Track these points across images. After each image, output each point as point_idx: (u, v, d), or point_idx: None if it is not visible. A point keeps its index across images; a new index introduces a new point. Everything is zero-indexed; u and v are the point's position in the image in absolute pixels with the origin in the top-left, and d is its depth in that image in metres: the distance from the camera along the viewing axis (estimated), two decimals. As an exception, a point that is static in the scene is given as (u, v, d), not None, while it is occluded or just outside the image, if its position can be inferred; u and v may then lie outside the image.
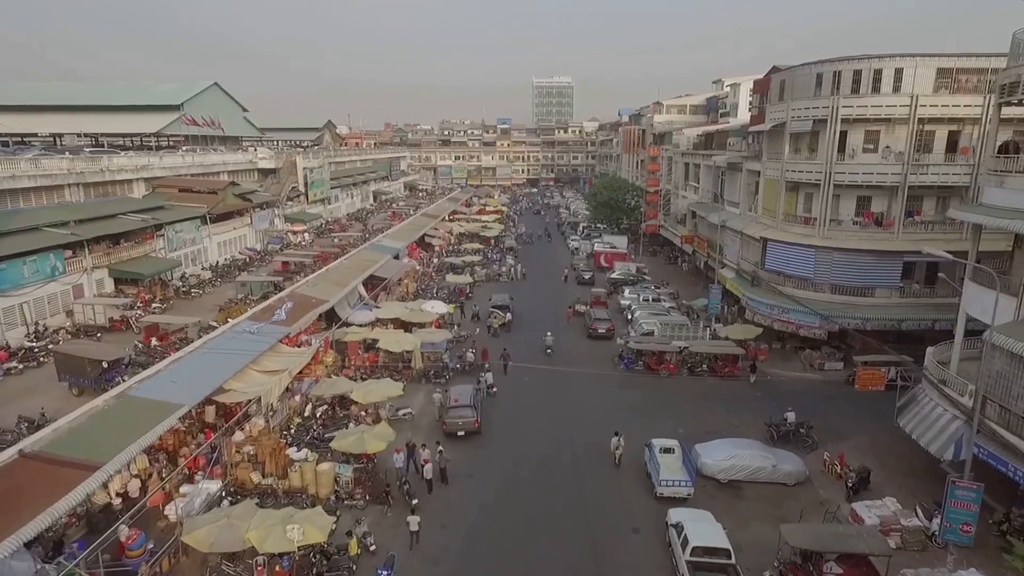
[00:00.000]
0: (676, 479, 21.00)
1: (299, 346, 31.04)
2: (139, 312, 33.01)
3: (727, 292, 40.81)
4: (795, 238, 34.48)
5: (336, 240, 54.81)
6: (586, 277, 53.39)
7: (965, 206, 26.72)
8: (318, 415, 26.90)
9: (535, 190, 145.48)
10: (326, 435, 24.78)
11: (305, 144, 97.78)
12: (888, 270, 32.31)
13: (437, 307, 38.86)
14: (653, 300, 44.39)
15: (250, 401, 24.33)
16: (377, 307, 39.63)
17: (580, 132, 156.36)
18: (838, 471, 22.66)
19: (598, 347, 37.42)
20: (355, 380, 30.01)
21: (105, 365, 24.41)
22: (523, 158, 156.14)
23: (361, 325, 35.88)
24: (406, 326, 37.00)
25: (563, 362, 34.77)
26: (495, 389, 29.90)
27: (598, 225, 76.88)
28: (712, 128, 54.36)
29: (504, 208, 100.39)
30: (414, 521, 19.17)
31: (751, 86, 62.93)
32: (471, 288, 49.57)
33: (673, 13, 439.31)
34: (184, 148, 57.50)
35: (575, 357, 35.64)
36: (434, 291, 48.59)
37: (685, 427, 26.78)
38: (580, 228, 78.88)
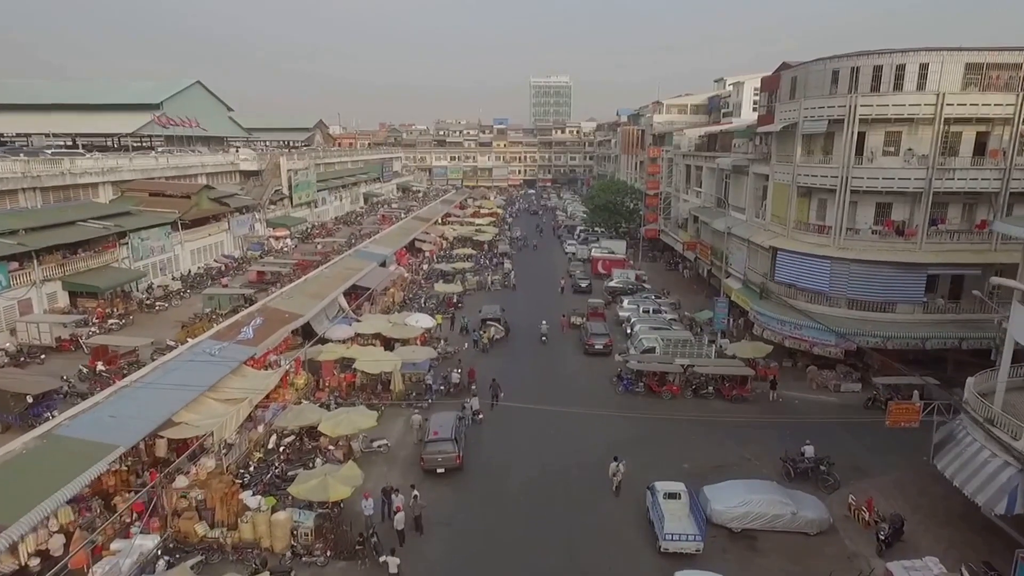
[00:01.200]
0: (683, 533, 18.31)
1: (267, 367, 28.32)
2: (93, 330, 30.21)
3: (733, 304, 38.18)
4: (808, 248, 31.82)
5: (319, 246, 52.01)
6: (583, 285, 50.69)
7: (1015, 219, 24.10)
8: (282, 448, 24.21)
9: (532, 191, 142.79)
10: (290, 472, 22.10)
11: (295, 145, 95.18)
12: (911, 283, 29.64)
13: (422, 321, 36.12)
14: (654, 312, 41.71)
15: (202, 437, 21.57)
16: (358, 320, 36.92)
17: (578, 132, 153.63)
18: (866, 518, 19.98)
19: (595, 365, 34.72)
20: (328, 405, 27.41)
21: (30, 400, 21.59)
22: (520, 159, 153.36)
23: (339, 341, 33.16)
24: (388, 342, 34.34)
25: (557, 382, 32.08)
26: (481, 416, 27.19)
27: (595, 229, 74.23)
28: (715, 128, 51.71)
29: (499, 210, 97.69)
30: (392, 563, 16.70)
31: (756, 85, 60.73)
32: (460, 298, 46.84)
33: (672, 13, 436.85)
34: (160, 149, 54.74)
35: (570, 376, 32.96)
36: (422, 301, 45.91)
37: (691, 460, 24.14)
38: (577, 232, 76.19)
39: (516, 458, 24.39)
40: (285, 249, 52.54)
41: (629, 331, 38.23)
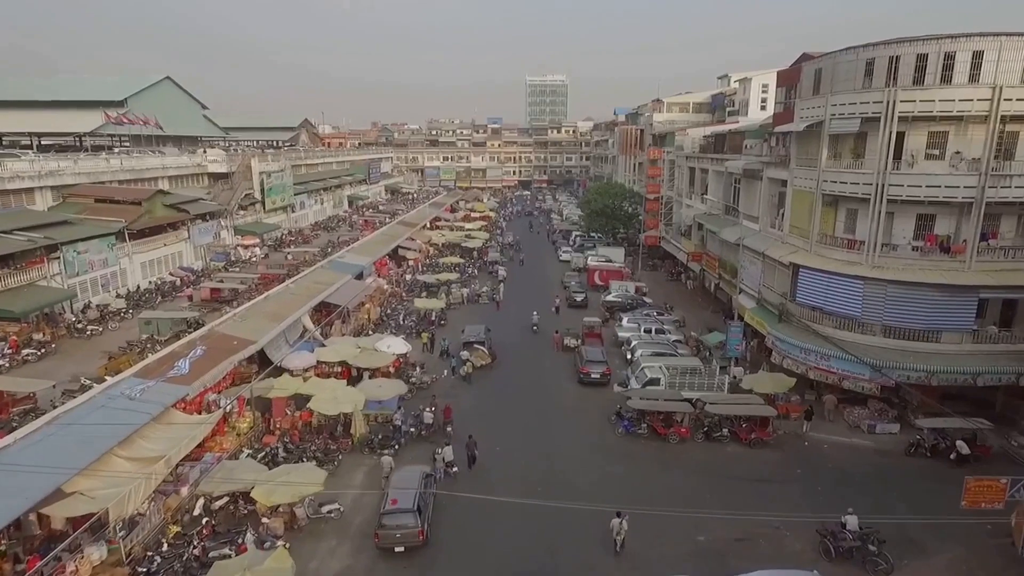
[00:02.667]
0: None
1: (204, 410, 23.98)
2: (2, 363, 25.81)
3: (746, 325, 33.93)
4: (836, 266, 27.60)
5: (288, 256, 47.58)
6: (578, 300, 46.36)
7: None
8: (213, 511, 19.91)
9: (527, 192, 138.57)
10: (212, 554, 17.78)
11: (278, 145, 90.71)
12: (958, 309, 25.45)
13: (395, 346, 31.78)
14: (656, 332, 37.45)
15: (100, 512, 17.20)
16: (322, 344, 32.59)
17: (574, 132, 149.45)
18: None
19: (591, 397, 30.45)
20: (276, 454, 23.19)
21: None
22: (515, 159, 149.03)
23: (295, 373, 28.85)
24: (351, 378, 30.06)
25: (548, 421, 27.78)
26: (455, 469, 22.84)
27: (592, 234, 70.00)
28: (722, 128, 47.50)
29: (492, 213, 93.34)
30: None
31: (765, 81, 56.62)
32: (443, 314, 42.51)
33: (671, 13, 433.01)
34: (117, 150, 50.31)
35: (563, 412, 28.66)
36: (400, 318, 41.57)
37: (708, 530, 19.85)
38: (572, 237, 71.89)
39: (495, 523, 20.06)
40: (254, 259, 48.12)
41: (629, 356, 33.96)
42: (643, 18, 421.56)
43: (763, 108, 56.44)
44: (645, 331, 37.46)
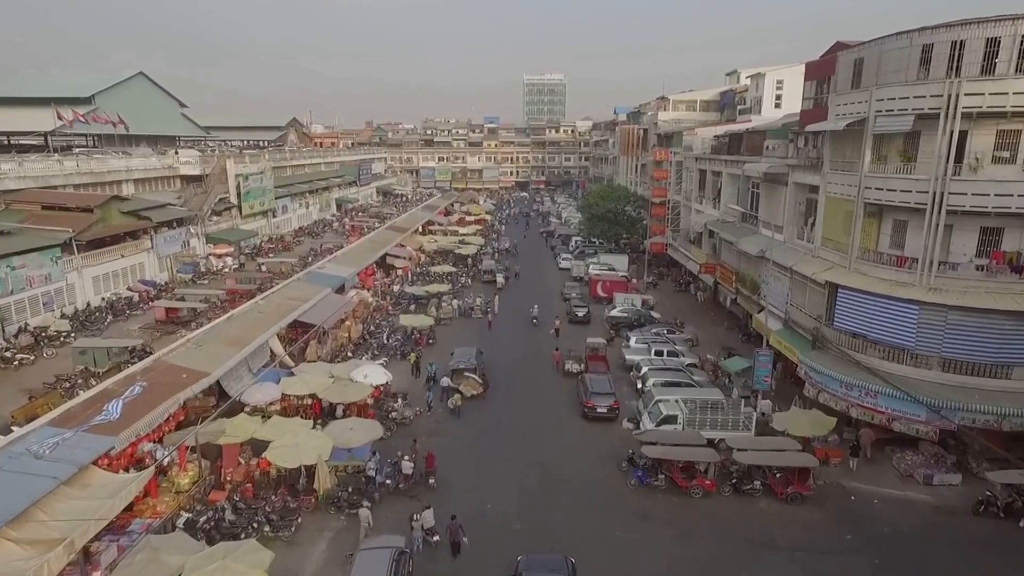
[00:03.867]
0: None
1: (134, 466, 20.02)
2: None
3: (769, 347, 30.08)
4: (884, 287, 23.71)
5: (262, 268, 43.57)
6: (579, 315, 42.40)
7: None
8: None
9: (524, 194, 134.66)
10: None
11: (263, 145, 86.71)
12: (1033, 340, 21.59)
13: (373, 375, 27.82)
14: (668, 354, 33.59)
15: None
16: (290, 372, 28.63)
17: (573, 132, 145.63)
18: None
19: (597, 436, 26.54)
20: (222, 515, 19.26)
21: None
22: (512, 159, 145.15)
23: (255, 410, 24.92)
24: (322, 412, 26.19)
25: (548, 467, 23.82)
26: (436, 539, 18.89)
27: (592, 239, 66.12)
28: (738, 127, 43.66)
29: (488, 216, 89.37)
30: None
31: (779, 78, 52.87)
32: (432, 332, 38.57)
33: (671, 15, 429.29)
34: (77, 150, 46.30)
35: (565, 455, 24.71)
36: (385, 336, 37.61)
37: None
38: (572, 243, 67.93)
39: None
40: (226, 270, 44.10)
41: (640, 385, 30.03)
42: (641, 20, 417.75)
43: (777, 106, 52.77)
44: (656, 353, 33.60)
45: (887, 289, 23.50)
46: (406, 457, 22.44)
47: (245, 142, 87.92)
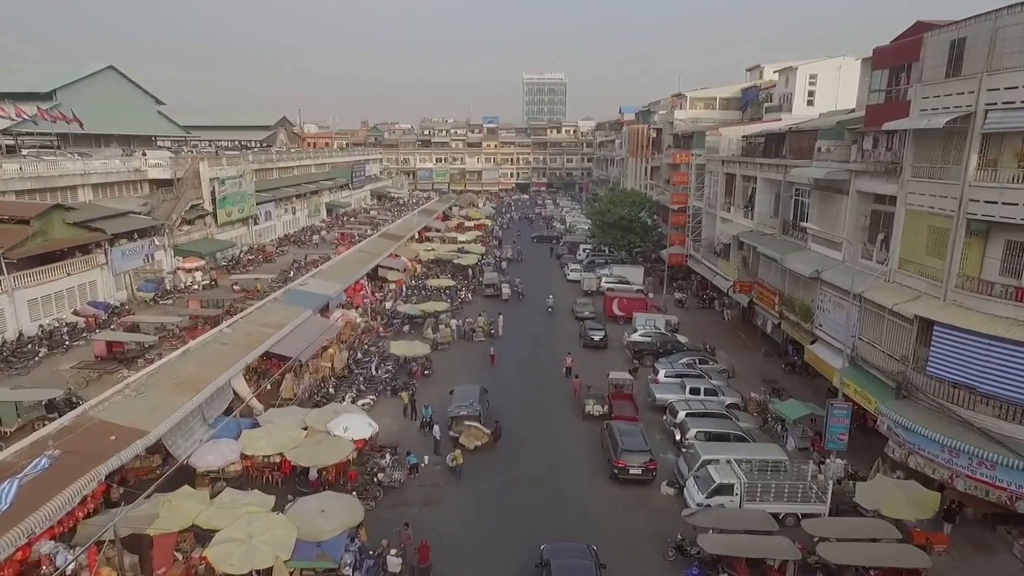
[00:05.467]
0: None
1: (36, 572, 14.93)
2: None
3: (829, 389, 25.13)
4: (1001, 327, 18.70)
5: (235, 286, 38.40)
6: (595, 339, 37.29)
7: None
8: None
9: (525, 196, 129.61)
10: None
11: (249, 145, 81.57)
12: None
13: (355, 427, 22.72)
14: (706, 392, 28.60)
15: None
16: (255, 423, 23.57)
17: (575, 132, 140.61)
18: None
19: (632, 505, 21.52)
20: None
21: None
22: (512, 161, 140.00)
23: (203, 479, 19.88)
24: (293, 472, 21.17)
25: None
26: None
27: (603, 247, 61.11)
28: (774, 126, 38.63)
29: (488, 221, 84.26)
30: None
31: (812, 72, 48.02)
32: (429, 361, 33.50)
33: (669, 17, 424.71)
34: (25, 152, 41.12)
35: (591, 527, 19.54)
36: (373, 366, 32.56)
37: None
38: (581, 252, 62.86)
39: None
40: (195, 287, 38.96)
41: (678, 436, 24.99)
42: (642, 20, 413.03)
43: (810, 103, 47.87)
44: (691, 391, 28.58)
45: (1006, 330, 18.50)
46: (393, 550, 17.41)
47: (235, 143, 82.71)
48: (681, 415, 25.78)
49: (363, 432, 22.89)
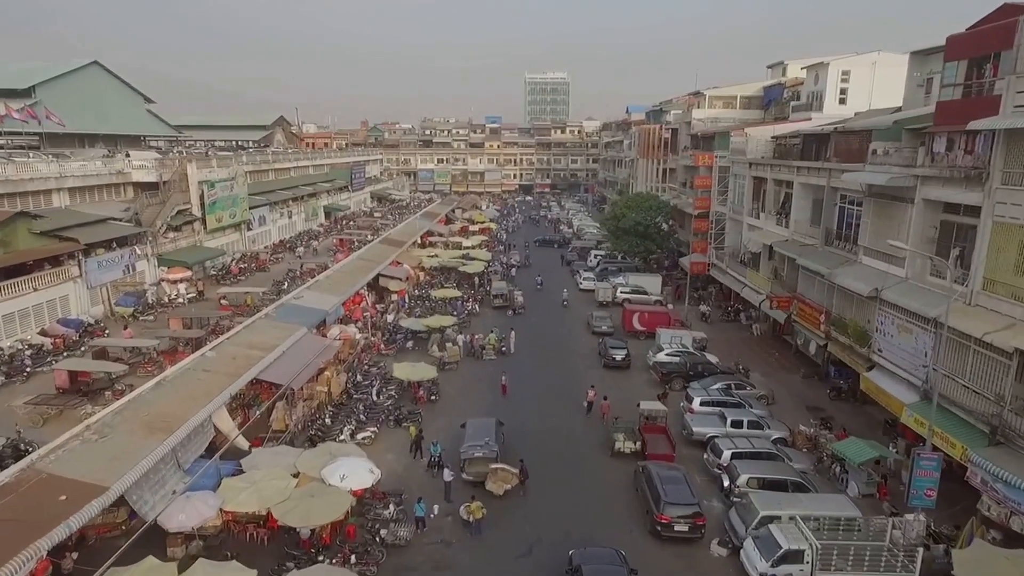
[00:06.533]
0: None
1: None
2: None
3: (891, 424, 22.00)
4: None
5: (223, 301, 35.18)
6: (618, 359, 34.00)
7: None
8: None
9: (529, 198, 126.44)
10: None
11: (245, 145, 78.43)
12: None
13: (354, 475, 19.53)
14: (750, 425, 25.39)
15: None
16: (240, 466, 20.37)
17: (579, 133, 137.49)
18: None
19: (676, 564, 18.35)
20: None
21: None
22: (515, 161, 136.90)
23: (178, 539, 16.68)
24: (283, 530, 18.00)
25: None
26: None
27: (615, 253, 57.94)
28: (817, 126, 35.44)
29: (492, 225, 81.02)
30: None
31: (845, 68, 44.89)
32: (435, 385, 30.29)
33: (669, 20, 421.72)
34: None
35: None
36: (373, 392, 29.35)
37: None
38: (592, 258, 59.65)
39: None
40: (180, 300, 35.75)
41: (726, 482, 21.75)
42: (640, 20, 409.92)
43: (842, 101, 44.80)
44: (733, 424, 25.37)
45: None
46: (400, 644, 14.21)
47: (230, 143, 79.55)
48: (726, 455, 22.57)
49: (363, 481, 19.70)
